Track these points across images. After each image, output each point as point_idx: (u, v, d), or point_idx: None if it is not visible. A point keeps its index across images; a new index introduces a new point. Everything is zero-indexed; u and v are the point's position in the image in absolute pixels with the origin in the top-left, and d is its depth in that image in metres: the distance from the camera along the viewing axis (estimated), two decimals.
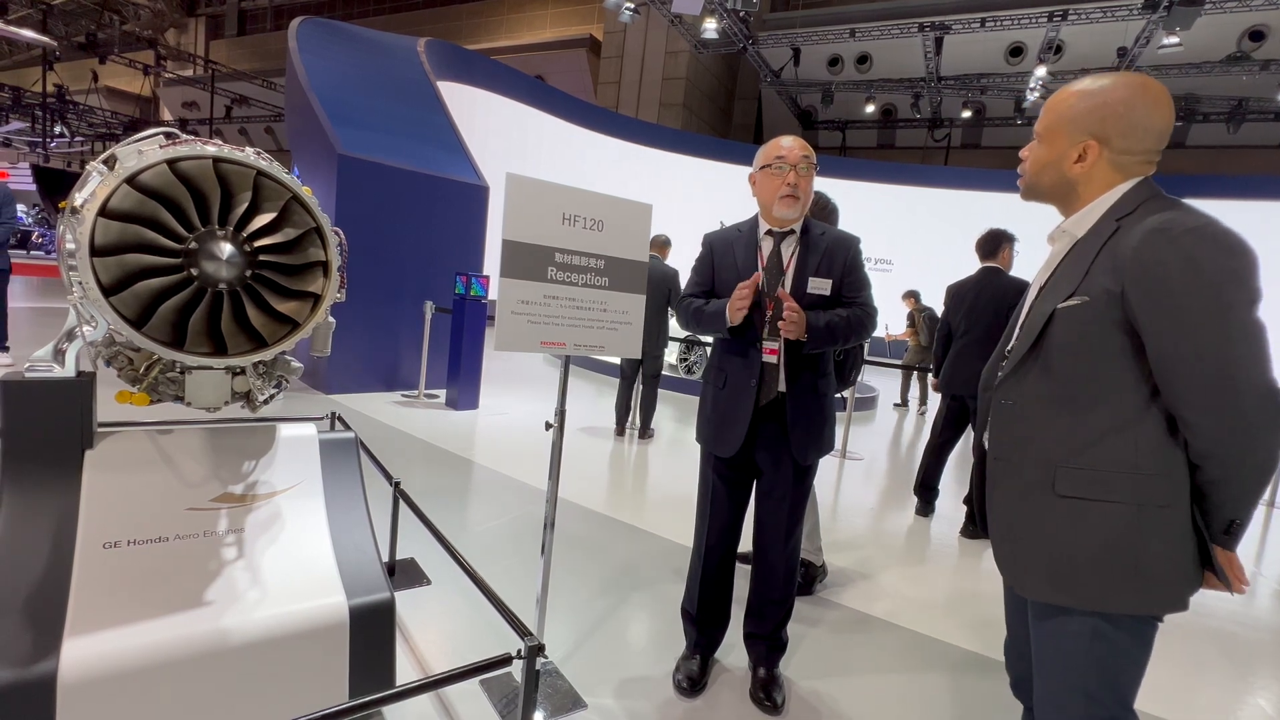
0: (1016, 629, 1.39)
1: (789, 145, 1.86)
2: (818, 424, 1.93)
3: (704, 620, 2.08)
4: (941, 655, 2.42)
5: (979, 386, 1.38)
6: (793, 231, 1.92)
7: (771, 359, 1.87)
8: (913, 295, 8.69)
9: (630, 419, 5.51)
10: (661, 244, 5.18)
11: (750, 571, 2.07)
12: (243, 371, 1.48)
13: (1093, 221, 1.16)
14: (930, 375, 4.36)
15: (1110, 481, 1.09)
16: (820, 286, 1.87)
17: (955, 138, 19.15)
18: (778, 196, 1.85)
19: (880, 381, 10.15)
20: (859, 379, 2.34)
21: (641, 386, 5.42)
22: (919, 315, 8.31)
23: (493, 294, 3.67)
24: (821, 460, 2.00)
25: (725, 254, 1.98)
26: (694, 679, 2.01)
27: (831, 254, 1.90)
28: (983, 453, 1.34)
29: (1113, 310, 1.08)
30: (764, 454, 1.94)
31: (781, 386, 1.89)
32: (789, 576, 2.02)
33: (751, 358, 1.89)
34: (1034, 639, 1.24)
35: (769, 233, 1.94)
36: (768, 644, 2.05)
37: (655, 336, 5.01)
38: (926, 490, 4.09)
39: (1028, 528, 1.19)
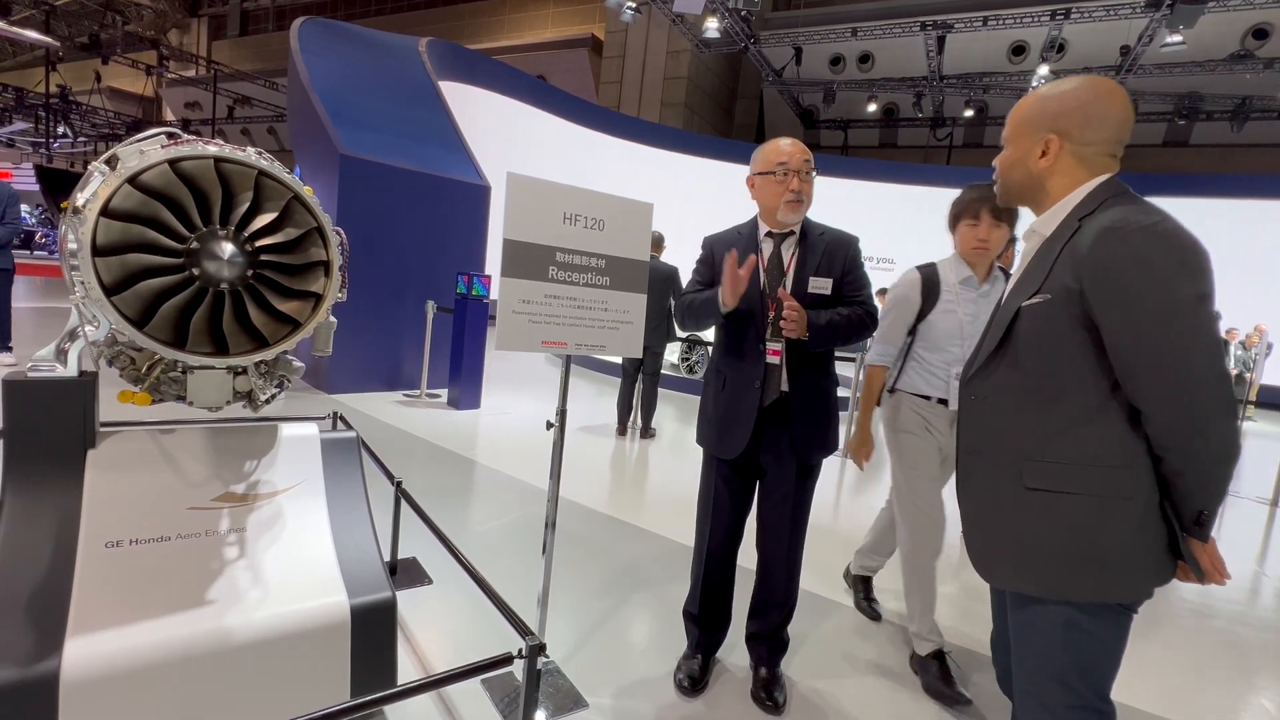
0: (1001, 623, 1.41)
1: (790, 150, 1.85)
2: (822, 423, 1.93)
3: (706, 621, 2.08)
4: None
5: (960, 384, 1.40)
6: (792, 233, 1.92)
7: (775, 360, 1.87)
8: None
9: (632, 418, 5.51)
10: (655, 241, 5.15)
11: (754, 572, 2.06)
12: (244, 371, 1.48)
13: (1059, 220, 1.20)
14: None
15: (1074, 474, 1.12)
16: (821, 286, 1.87)
17: (958, 137, 19.09)
18: (783, 202, 1.85)
19: None
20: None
21: (641, 385, 5.42)
22: None
23: (494, 294, 3.67)
24: (825, 461, 2.00)
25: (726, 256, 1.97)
26: (695, 679, 2.01)
27: (831, 254, 1.90)
28: None
29: (1073, 307, 1.11)
30: (767, 454, 1.93)
31: (784, 386, 1.88)
32: (791, 577, 2.02)
33: (753, 359, 1.88)
34: (1012, 629, 1.28)
35: (769, 234, 1.94)
36: (769, 644, 2.05)
37: (656, 333, 5.00)
38: None
39: (996, 518, 1.22)
